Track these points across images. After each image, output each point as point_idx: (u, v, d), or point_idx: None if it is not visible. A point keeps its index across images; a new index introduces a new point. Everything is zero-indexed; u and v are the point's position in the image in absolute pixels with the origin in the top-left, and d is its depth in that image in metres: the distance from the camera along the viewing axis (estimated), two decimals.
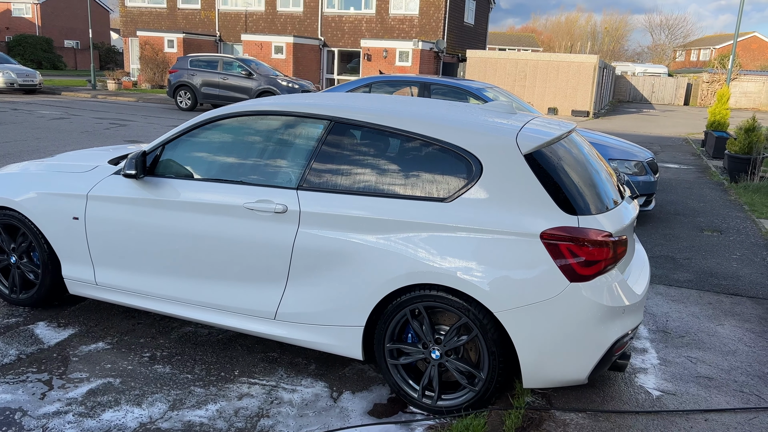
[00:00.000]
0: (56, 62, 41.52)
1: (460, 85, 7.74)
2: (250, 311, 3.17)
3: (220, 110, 3.37)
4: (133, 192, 3.37)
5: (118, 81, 25.18)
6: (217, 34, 28.81)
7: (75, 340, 3.53)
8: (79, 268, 3.61)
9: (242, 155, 3.27)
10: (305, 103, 3.24)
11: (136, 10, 30.15)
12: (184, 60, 18.92)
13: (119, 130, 12.86)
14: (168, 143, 3.43)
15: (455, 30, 27.59)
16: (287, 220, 3.01)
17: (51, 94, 21.85)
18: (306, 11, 27.62)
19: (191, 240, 3.22)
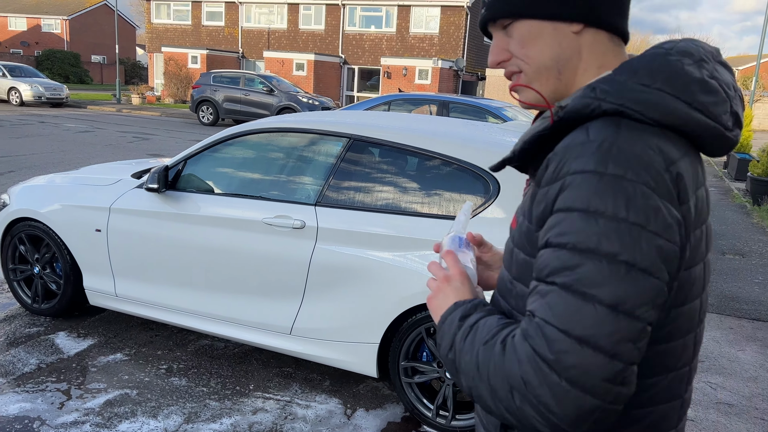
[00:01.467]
0: (83, 77, 42.44)
1: (478, 103, 7.77)
2: (266, 326, 3.20)
3: (241, 127, 3.43)
4: (155, 205, 3.42)
5: (142, 95, 25.65)
6: (239, 51, 29.27)
7: (94, 351, 3.58)
8: (100, 280, 3.67)
9: (262, 171, 3.32)
10: (324, 121, 3.28)
11: (161, 26, 30.78)
12: (207, 76, 19.24)
13: (142, 143, 13.08)
14: (190, 158, 3.49)
15: (475, 49, 27.73)
16: (305, 235, 3.04)
17: (77, 108, 22.32)
18: (327, 29, 27.97)
19: (210, 254, 3.27)
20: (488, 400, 0.83)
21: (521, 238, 0.92)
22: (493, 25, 0.97)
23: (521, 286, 0.92)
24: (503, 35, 0.96)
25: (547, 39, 0.92)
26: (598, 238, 0.76)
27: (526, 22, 0.92)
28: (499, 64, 0.98)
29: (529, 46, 0.93)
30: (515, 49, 0.94)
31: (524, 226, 0.91)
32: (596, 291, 0.75)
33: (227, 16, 29.54)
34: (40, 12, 47.56)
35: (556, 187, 0.83)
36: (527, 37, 0.92)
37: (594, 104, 0.85)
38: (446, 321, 0.94)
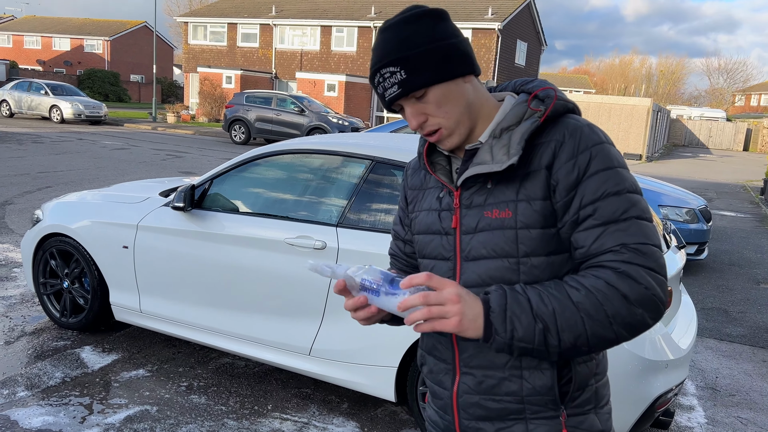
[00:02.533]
0: (122, 95, 43.73)
1: None
2: (286, 346, 3.20)
3: (265, 148, 3.48)
4: (181, 224, 3.48)
5: (177, 114, 26.27)
6: (273, 72, 29.83)
7: (117, 366, 3.63)
8: (126, 296, 3.74)
9: (286, 191, 3.35)
10: (347, 143, 3.31)
11: (198, 47, 31.60)
12: (240, 96, 19.63)
13: (175, 161, 13.36)
14: (216, 178, 3.55)
15: (506, 71, 27.75)
16: (326, 256, 3.05)
17: (114, 126, 22.96)
18: (359, 51, 28.34)
19: (233, 273, 3.30)
20: (604, 331, 1.04)
21: (531, 217, 1.12)
22: (405, 99, 1.15)
23: (535, 258, 1.13)
24: (415, 103, 1.15)
25: (455, 94, 1.15)
26: (631, 181, 1.12)
27: (437, 87, 1.13)
28: (419, 126, 1.16)
29: (444, 105, 1.14)
30: (432, 110, 1.14)
31: (535, 205, 1.12)
32: (647, 214, 1.10)
33: (262, 37, 30.19)
34: (84, 33, 49.35)
35: (585, 157, 1.10)
36: (441, 99, 1.14)
37: (569, 105, 1.18)
38: (508, 307, 1.04)
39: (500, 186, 1.16)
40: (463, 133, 1.18)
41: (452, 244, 1.22)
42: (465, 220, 1.20)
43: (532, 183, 1.13)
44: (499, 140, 1.16)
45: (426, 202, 1.31)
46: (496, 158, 1.15)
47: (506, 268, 1.14)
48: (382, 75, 1.13)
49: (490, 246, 1.15)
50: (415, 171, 1.39)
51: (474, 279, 1.17)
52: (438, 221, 1.25)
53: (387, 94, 1.14)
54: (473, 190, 1.19)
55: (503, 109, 1.21)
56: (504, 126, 1.17)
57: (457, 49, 1.14)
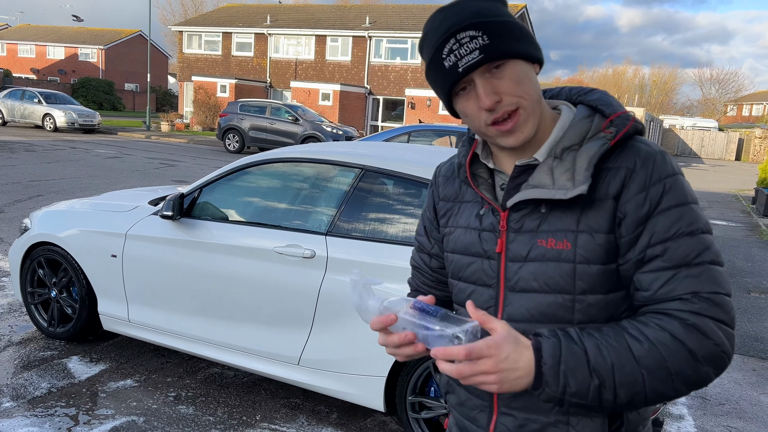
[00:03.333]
0: (116, 104, 43.68)
1: None
2: (275, 355, 3.18)
3: (255, 157, 3.48)
4: (169, 233, 3.47)
5: (171, 123, 26.25)
6: (267, 81, 29.88)
7: (105, 376, 3.60)
8: (114, 305, 3.71)
9: (275, 200, 3.35)
10: (337, 152, 3.31)
11: (192, 56, 31.64)
12: (234, 104, 19.64)
13: (168, 170, 13.33)
14: (205, 186, 3.54)
15: None
16: (315, 265, 3.04)
17: (108, 134, 22.92)
18: (353, 61, 28.44)
19: (222, 282, 3.28)
20: (664, 388, 0.94)
21: (593, 252, 1.01)
22: (480, 72, 1.00)
23: (593, 296, 1.02)
24: (490, 78, 1.00)
25: (531, 77, 1.03)
26: (705, 220, 1.01)
27: (517, 63, 1.00)
28: (492, 107, 1.00)
29: (523, 83, 1.00)
30: (510, 87, 0.99)
31: (598, 239, 1.01)
32: (720, 258, 1.00)
33: (256, 47, 30.26)
34: (78, 42, 49.34)
35: (657, 190, 0.99)
36: (520, 75, 1.00)
37: (639, 126, 1.06)
38: (562, 360, 0.94)
39: (557, 212, 1.03)
40: (534, 127, 1.04)
41: (496, 271, 1.10)
42: (513, 245, 1.07)
43: (596, 213, 1.01)
44: (561, 162, 1.04)
45: (463, 217, 1.17)
46: (559, 183, 1.02)
47: (559, 304, 1.03)
48: (458, 40, 0.98)
49: (542, 279, 1.03)
50: (447, 180, 1.24)
51: (521, 313, 1.06)
52: (478, 242, 1.12)
53: (463, 62, 0.98)
54: (524, 213, 1.06)
55: (562, 123, 1.08)
56: (566, 145, 1.05)
57: (531, 32, 1.04)
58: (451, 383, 1.22)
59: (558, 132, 1.07)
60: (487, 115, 1.01)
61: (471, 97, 1.02)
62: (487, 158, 1.15)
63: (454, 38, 0.98)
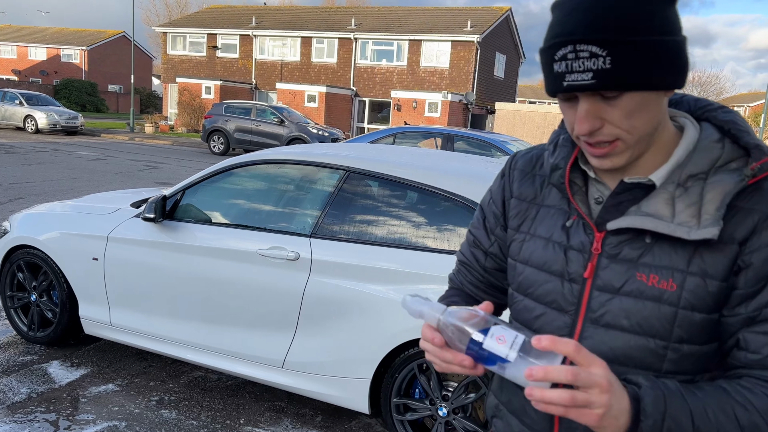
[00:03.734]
0: (99, 105, 43.23)
1: (483, 137, 7.81)
2: (259, 358, 3.16)
3: (239, 158, 3.45)
4: (152, 235, 3.43)
5: (156, 124, 26.04)
6: (253, 82, 29.76)
7: (86, 381, 3.54)
8: (96, 309, 3.66)
9: (259, 202, 3.32)
10: (321, 153, 3.29)
11: (177, 57, 31.42)
12: (219, 106, 19.53)
13: (152, 172, 13.21)
14: (188, 188, 3.50)
15: (485, 83, 28.01)
16: (299, 267, 3.02)
17: (91, 136, 22.67)
18: (339, 62, 28.42)
19: (205, 285, 3.25)
20: None
21: (702, 299, 0.88)
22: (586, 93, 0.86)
23: (689, 346, 0.91)
24: (598, 102, 0.86)
25: (652, 107, 0.87)
26: None
27: (637, 94, 0.85)
28: (590, 132, 0.88)
29: (635, 117, 0.86)
30: (617, 119, 0.86)
31: (711, 285, 0.88)
32: None
33: (241, 48, 30.12)
34: (60, 42, 48.79)
35: None
36: (635, 109, 0.86)
37: None
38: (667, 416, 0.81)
39: (664, 245, 0.90)
40: (636, 154, 0.91)
41: (577, 297, 0.96)
42: (605, 273, 0.94)
43: (714, 256, 0.88)
44: (686, 193, 0.89)
45: (544, 225, 1.03)
46: (680, 218, 0.88)
47: (650, 350, 0.91)
48: (576, 51, 0.82)
49: (636, 318, 0.91)
50: (525, 176, 1.08)
51: (603, 352, 0.93)
52: (563, 261, 0.98)
53: (570, 79, 0.84)
54: (624, 239, 0.93)
55: (686, 144, 0.93)
56: (692, 172, 0.90)
57: (682, 52, 0.86)
58: (501, 409, 1.10)
59: (681, 154, 0.92)
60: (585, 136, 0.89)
61: (573, 107, 0.89)
62: (586, 163, 1.00)
63: (571, 46, 0.83)
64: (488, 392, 1.17)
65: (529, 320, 1.03)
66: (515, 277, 1.06)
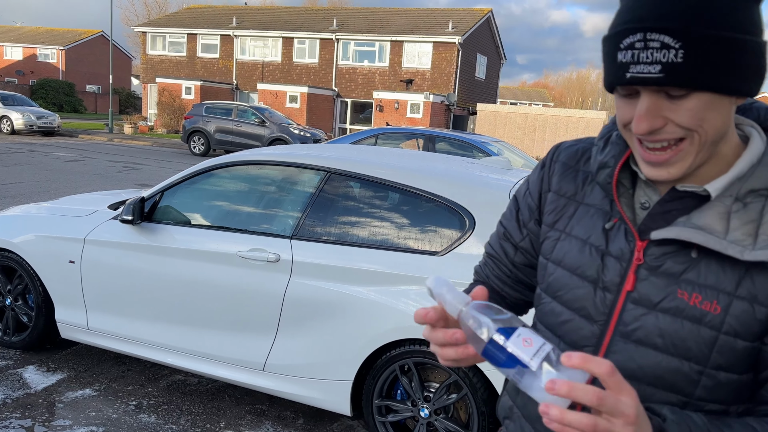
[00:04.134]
0: (77, 106, 42.62)
1: (464, 138, 7.83)
2: (240, 361, 3.13)
3: (219, 159, 3.42)
4: (130, 237, 3.38)
5: (135, 125, 25.73)
6: (233, 83, 29.56)
7: (63, 386, 3.48)
8: (72, 312, 3.60)
9: (239, 203, 3.29)
10: (303, 154, 3.27)
11: (156, 57, 31.10)
12: (199, 107, 19.36)
13: (131, 173, 13.05)
14: (167, 190, 3.46)
15: (466, 84, 28.14)
16: (280, 269, 3.00)
17: (68, 137, 22.34)
18: (321, 63, 28.35)
19: (185, 287, 3.21)
20: None
21: (747, 326, 0.81)
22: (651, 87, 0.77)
23: (726, 374, 0.84)
24: (662, 100, 0.78)
25: (721, 113, 0.78)
26: None
27: (706, 95, 0.77)
28: (650, 130, 0.79)
29: (701, 119, 0.77)
30: (683, 119, 0.77)
31: (759, 312, 0.80)
32: None
33: (222, 48, 29.91)
34: (37, 42, 48.00)
35: None
36: (702, 110, 0.77)
37: None
38: None
39: (711, 263, 0.83)
40: (696, 164, 0.81)
41: (608, 307, 0.90)
42: (643, 285, 0.87)
43: (765, 280, 0.80)
44: (744, 209, 0.82)
45: (582, 226, 0.95)
46: (733, 235, 0.81)
47: (684, 374, 0.84)
48: (645, 40, 0.74)
49: (671, 338, 0.84)
50: (567, 170, 1.00)
51: (632, 369, 0.87)
52: (599, 266, 0.91)
53: (635, 71, 0.76)
54: (669, 251, 0.86)
55: (750, 155, 0.84)
56: (754, 187, 0.82)
57: (762, 56, 0.78)
58: (516, 411, 1.04)
59: (744, 166, 0.83)
60: (645, 135, 0.80)
61: (631, 102, 0.81)
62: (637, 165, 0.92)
63: (641, 34, 0.74)
64: (503, 392, 1.14)
65: (555, 325, 0.97)
66: (545, 277, 0.99)
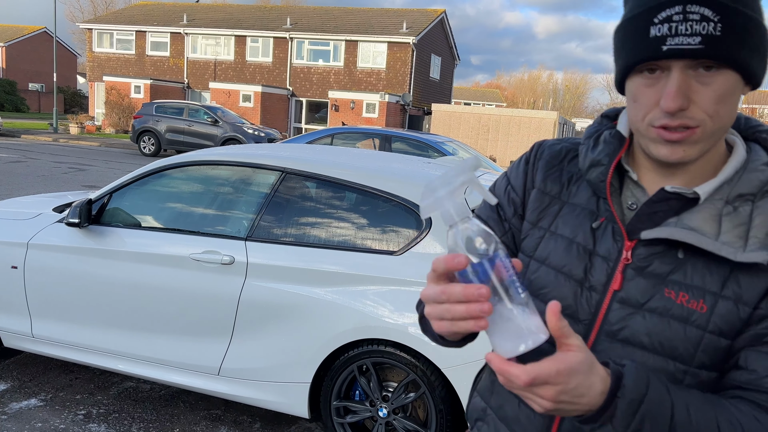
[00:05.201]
0: (19, 105, 40.93)
1: (420, 138, 7.89)
2: (194, 366, 3.06)
3: (171, 159, 3.33)
4: (77, 241, 3.26)
5: (82, 125, 24.89)
6: (185, 81, 28.93)
7: (6, 397, 3.33)
8: (15, 320, 3.44)
9: (192, 204, 3.22)
10: (257, 154, 3.22)
11: (103, 55, 30.16)
12: (149, 106, 18.88)
13: (78, 174, 12.62)
14: (116, 191, 3.35)
15: (421, 84, 28.32)
16: (234, 271, 2.94)
17: (10, 137, 21.43)
18: (275, 62, 28.04)
19: (135, 292, 3.12)
20: None
21: (731, 325, 0.83)
22: (689, 63, 0.78)
23: (707, 373, 0.86)
24: (692, 77, 0.78)
25: (735, 98, 0.81)
26: None
27: (732, 76, 0.79)
28: (677, 110, 0.78)
29: (723, 103, 0.79)
30: (706, 101, 0.78)
31: (743, 312, 0.83)
32: None
33: (173, 46, 29.24)
34: None
35: None
36: (726, 92, 0.79)
37: None
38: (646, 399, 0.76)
39: (698, 263, 0.85)
40: (701, 152, 0.83)
41: (595, 307, 0.90)
42: (630, 285, 0.88)
43: (751, 281, 0.83)
44: (735, 212, 0.85)
45: (568, 224, 0.95)
46: (725, 237, 0.83)
47: (669, 374, 0.86)
48: (685, 12, 0.75)
49: (658, 337, 0.85)
50: (551, 168, 1.00)
51: None
52: (586, 265, 0.92)
53: (673, 42, 0.76)
54: (656, 251, 0.87)
55: (736, 162, 0.88)
56: (742, 192, 0.86)
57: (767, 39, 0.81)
58: (490, 413, 1.03)
59: (730, 171, 0.87)
60: (660, 114, 0.80)
61: (655, 85, 0.81)
62: (630, 163, 0.94)
63: (680, 6, 0.75)
64: (473, 393, 1.11)
65: None
66: (526, 274, 0.98)
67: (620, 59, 0.85)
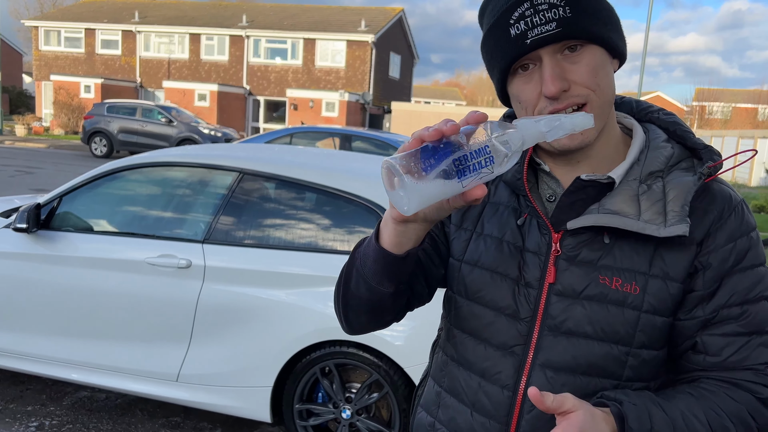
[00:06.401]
0: None
1: (380, 137, 7.89)
2: (151, 373, 2.98)
3: (124, 161, 3.24)
4: (25, 247, 3.13)
5: (28, 126, 24.01)
6: (137, 81, 28.22)
7: None
8: None
9: (146, 207, 3.14)
10: (213, 155, 3.16)
11: (51, 53, 29.15)
12: (100, 106, 18.34)
13: (25, 178, 12.17)
14: (66, 194, 3.24)
15: (381, 83, 28.33)
16: (191, 275, 2.88)
17: None
18: (231, 60, 27.62)
19: (89, 298, 3.02)
20: None
21: (663, 302, 0.87)
22: (553, 49, 0.83)
23: (648, 351, 0.89)
24: (562, 60, 0.84)
25: (609, 71, 0.87)
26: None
27: (598, 50, 0.85)
28: (558, 94, 0.83)
29: (598, 75, 0.84)
30: (583, 76, 0.83)
31: (672, 288, 0.86)
32: None
33: (124, 44, 28.47)
34: None
35: (744, 245, 0.87)
36: (597, 65, 0.84)
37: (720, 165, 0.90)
38: (653, 430, 0.80)
39: (625, 246, 0.88)
40: (600, 126, 0.87)
41: (534, 303, 0.91)
42: (564, 276, 0.89)
43: (674, 257, 0.87)
44: (650, 190, 0.88)
45: (494, 224, 0.96)
46: (646, 215, 0.85)
47: (613, 357, 0.88)
48: (534, 6, 0.81)
49: (600, 324, 0.87)
50: None
51: (566, 361, 0.89)
52: (519, 263, 0.92)
53: (534, 33, 0.81)
54: (583, 240, 0.89)
55: (638, 143, 0.92)
56: (652, 170, 0.89)
57: (620, 23, 0.88)
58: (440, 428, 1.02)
59: (635, 151, 0.91)
60: (546, 103, 0.84)
61: (532, 79, 0.85)
62: (541, 156, 0.96)
63: (528, 1, 0.82)
64: (417, 408, 1.10)
65: (478, 328, 0.96)
66: (459, 279, 0.97)
67: (495, 69, 0.89)
